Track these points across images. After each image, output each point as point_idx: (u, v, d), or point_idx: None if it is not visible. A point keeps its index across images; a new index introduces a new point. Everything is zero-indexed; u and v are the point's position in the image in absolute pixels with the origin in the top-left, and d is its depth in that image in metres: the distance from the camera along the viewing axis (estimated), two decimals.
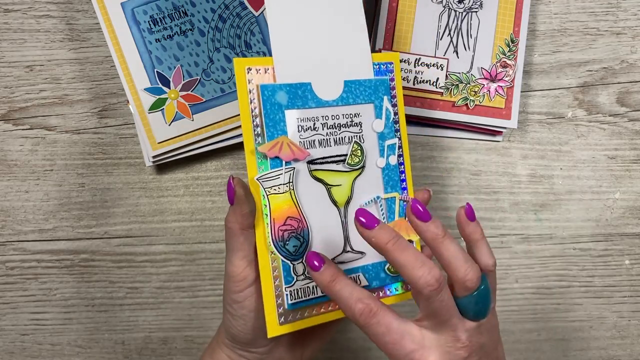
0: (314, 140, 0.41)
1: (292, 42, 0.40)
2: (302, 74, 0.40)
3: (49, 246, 0.56)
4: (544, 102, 0.58)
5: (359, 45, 0.43)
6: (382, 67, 0.44)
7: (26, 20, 0.56)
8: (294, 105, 0.40)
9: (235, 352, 0.42)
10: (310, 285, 0.40)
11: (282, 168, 0.39)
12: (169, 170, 0.57)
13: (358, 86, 0.42)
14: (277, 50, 0.40)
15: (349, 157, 0.42)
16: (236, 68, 0.39)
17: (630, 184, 0.59)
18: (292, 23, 0.41)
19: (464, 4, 0.56)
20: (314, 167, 0.41)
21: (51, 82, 0.56)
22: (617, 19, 0.58)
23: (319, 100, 0.41)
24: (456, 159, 0.58)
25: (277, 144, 0.39)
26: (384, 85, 0.43)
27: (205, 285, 0.57)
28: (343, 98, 0.42)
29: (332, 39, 0.42)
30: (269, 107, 0.39)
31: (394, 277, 0.43)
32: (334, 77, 0.41)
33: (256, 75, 0.39)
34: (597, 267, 0.59)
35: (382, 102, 0.43)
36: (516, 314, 0.58)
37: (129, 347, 0.57)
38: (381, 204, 0.43)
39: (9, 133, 0.56)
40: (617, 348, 0.59)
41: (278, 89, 0.39)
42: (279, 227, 0.39)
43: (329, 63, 0.41)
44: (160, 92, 0.52)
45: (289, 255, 0.40)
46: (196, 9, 0.53)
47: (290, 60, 0.40)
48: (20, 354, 0.57)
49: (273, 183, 0.39)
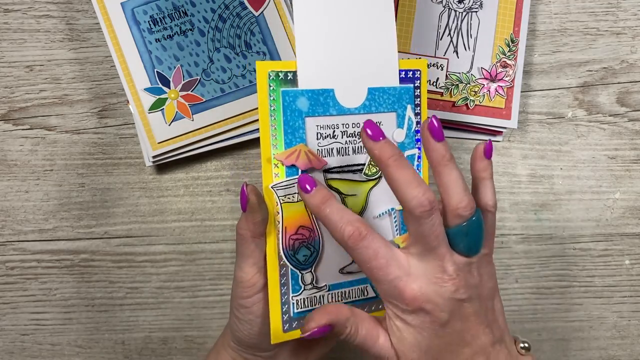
0: (332, 148, 0.40)
1: (317, 46, 0.39)
2: (326, 79, 0.39)
3: (49, 246, 0.56)
4: (544, 102, 0.58)
5: (386, 51, 0.41)
6: (408, 74, 0.42)
7: (26, 20, 0.56)
8: (315, 112, 0.39)
9: (240, 355, 0.42)
10: (317, 295, 0.40)
11: (298, 176, 0.38)
12: (169, 170, 0.57)
13: (382, 94, 0.41)
14: (302, 53, 0.38)
15: (366, 167, 0.41)
16: (258, 72, 0.38)
17: (630, 184, 0.59)
18: (319, 25, 0.39)
19: (464, 4, 0.56)
20: (330, 175, 0.40)
21: (51, 82, 0.56)
22: (617, 19, 0.58)
23: (341, 108, 0.40)
24: (456, 159, 0.58)
25: (294, 152, 0.38)
26: (408, 93, 0.42)
27: (205, 285, 0.57)
28: (365, 106, 0.40)
29: (359, 42, 0.40)
30: (289, 113, 0.38)
31: None
32: (358, 83, 0.40)
33: (278, 81, 0.38)
34: (597, 267, 0.59)
35: (405, 111, 0.41)
36: (516, 314, 0.58)
37: (129, 347, 0.57)
38: (395, 216, 0.42)
39: (9, 133, 0.56)
40: (617, 348, 0.59)
41: (300, 95, 0.38)
42: (290, 236, 0.39)
43: (354, 68, 0.40)
44: (160, 92, 0.52)
45: (298, 265, 0.39)
46: (196, 9, 0.53)
47: (315, 64, 0.39)
48: (20, 354, 0.57)
49: (288, 192, 0.38)
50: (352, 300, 0.41)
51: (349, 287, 0.41)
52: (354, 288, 0.41)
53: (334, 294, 0.41)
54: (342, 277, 0.41)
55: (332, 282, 0.40)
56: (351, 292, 0.41)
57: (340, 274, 0.41)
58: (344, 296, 0.41)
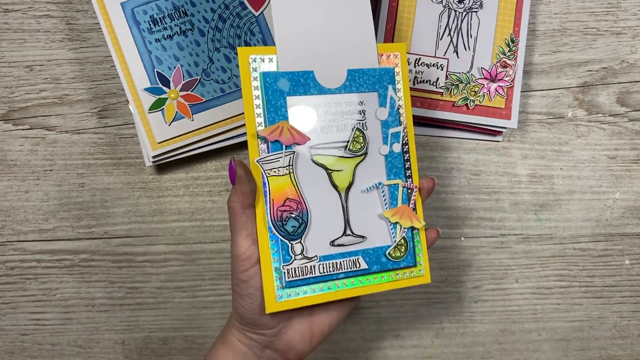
0: (316, 126, 0.42)
1: (296, 32, 0.41)
2: (306, 62, 0.42)
3: (49, 246, 0.56)
4: (544, 102, 0.58)
5: (364, 36, 0.43)
6: (390, 57, 0.44)
7: (26, 20, 0.56)
8: (296, 92, 0.41)
9: (244, 335, 0.43)
10: (308, 265, 0.41)
11: (282, 151, 0.40)
12: (169, 170, 0.57)
13: (362, 75, 0.43)
14: (281, 39, 0.41)
15: (350, 143, 0.43)
16: (240, 56, 0.40)
17: (630, 184, 0.59)
18: (297, 12, 0.41)
19: (464, 4, 0.56)
20: (315, 152, 0.42)
21: (51, 82, 0.56)
22: (617, 19, 0.58)
23: (322, 88, 0.42)
24: (456, 159, 0.58)
25: (277, 128, 0.40)
26: (388, 74, 0.44)
27: (205, 285, 0.57)
28: (346, 86, 0.43)
29: (338, 29, 0.42)
30: (270, 93, 0.41)
31: (395, 262, 0.44)
32: (337, 66, 0.42)
33: (261, 64, 0.41)
34: (597, 267, 0.59)
35: (387, 90, 0.44)
36: (516, 314, 0.58)
37: (129, 347, 0.57)
38: (383, 190, 0.44)
39: (9, 133, 0.56)
40: (617, 348, 0.59)
41: (280, 77, 0.41)
42: (277, 208, 0.41)
43: (334, 52, 0.42)
44: (160, 92, 0.52)
45: (287, 235, 0.41)
46: (196, 9, 0.53)
47: (294, 49, 0.41)
48: (20, 354, 0.57)
49: (272, 165, 0.40)
50: (344, 272, 0.42)
51: (340, 258, 0.42)
52: (345, 260, 0.42)
53: (324, 264, 0.42)
54: (333, 249, 0.42)
55: (322, 254, 0.42)
56: (342, 263, 0.42)
57: (331, 246, 0.42)
58: (336, 267, 0.42)
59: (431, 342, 0.59)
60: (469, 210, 0.58)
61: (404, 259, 0.44)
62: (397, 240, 0.44)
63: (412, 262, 0.44)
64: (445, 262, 0.58)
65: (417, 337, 0.59)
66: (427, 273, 0.45)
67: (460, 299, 0.58)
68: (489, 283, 0.58)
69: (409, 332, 0.59)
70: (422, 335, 0.59)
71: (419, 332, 0.59)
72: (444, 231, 0.58)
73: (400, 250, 0.44)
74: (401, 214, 0.44)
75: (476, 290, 0.58)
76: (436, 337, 0.59)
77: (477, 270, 0.58)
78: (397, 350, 0.58)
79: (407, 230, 0.44)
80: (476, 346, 0.59)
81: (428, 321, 0.58)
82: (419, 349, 0.59)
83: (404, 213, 0.44)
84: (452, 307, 0.58)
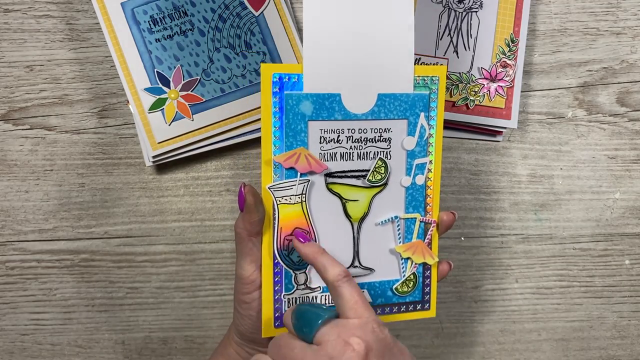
0: (336, 153, 0.40)
1: (326, 48, 0.38)
2: (333, 83, 0.38)
3: (49, 246, 0.56)
4: (544, 102, 0.58)
5: (401, 56, 0.39)
6: (425, 81, 0.41)
7: (26, 20, 0.56)
8: (319, 116, 0.38)
9: (243, 349, 0.44)
10: (309, 296, 0.41)
11: (297, 179, 0.39)
12: (169, 170, 0.57)
13: (393, 100, 0.40)
14: (309, 56, 0.38)
15: (370, 173, 0.40)
16: (263, 74, 0.37)
17: (630, 184, 0.59)
18: (329, 27, 0.38)
19: (464, 4, 0.56)
20: (331, 180, 0.40)
21: (51, 82, 0.56)
22: (617, 19, 0.58)
23: (347, 113, 0.39)
24: (456, 159, 0.58)
25: (294, 154, 0.38)
26: (422, 100, 0.40)
27: (205, 285, 0.57)
28: (374, 112, 0.39)
29: (372, 46, 0.39)
30: (291, 116, 0.38)
31: (401, 297, 0.43)
32: (367, 89, 0.39)
33: (285, 83, 0.38)
34: (597, 267, 0.59)
35: (418, 118, 0.40)
36: (516, 314, 0.58)
37: (129, 347, 0.57)
38: (398, 224, 0.42)
39: (9, 133, 0.56)
40: (617, 348, 0.59)
41: (304, 99, 0.38)
42: (285, 237, 0.39)
43: (365, 73, 0.39)
44: (160, 92, 0.52)
45: (291, 265, 0.40)
46: (196, 9, 0.53)
47: (322, 68, 0.38)
48: (20, 354, 0.57)
49: (285, 193, 0.39)
50: None
51: None
52: None
53: (327, 296, 0.41)
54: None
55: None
56: None
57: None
58: None
59: (431, 342, 0.59)
60: (469, 210, 0.58)
61: (411, 294, 0.42)
62: (406, 275, 0.42)
63: (419, 297, 0.43)
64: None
65: (417, 337, 0.59)
66: (433, 308, 0.43)
67: (460, 299, 0.58)
68: (489, 283, 0.58)
69: (409, 332, 0.59)
70: (422, 335, 0.59)
71: (419, 332, 0.59)
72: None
73: (409, 286, 0.42)
74: (414, 250, 0.42)
75: (476, 290, 0.58)
76: (436, 337, 0.59)
77: (477, 270, 0.58)
78: None
79: (419, 266, 0.42)
80: (476, 346, 0.59)
81: (428, 321, 0.58)
82: (419, 349, 0.59)
83: (417, 249, 0.42)
84: (452, 307, 0.58)
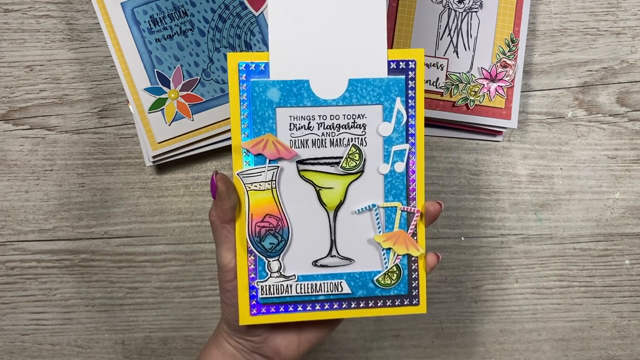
0: (307, 140, 0.40)
1: (293, 35, 0.38)
2: (301, 70, 0.39)
3: (49, 246, 0.56)
4: (544, 102, 0.58)
5: (373, 40, 0.39)
6: (401, 65, 0.40)
7: (26, 20, 0.56)
8: (287, 103, 0.39)
9: (233, 339, 0.43)
10: (284, 284, 0.40)
11: (265, 165, 0.39)
12: (169, 170, 0.57)
13: (365, 85, 0.39)
14: (275, 44, 0.38)
15: (344, 160, 0.40)
16: (229, 63, 0.38)
17: (630, 184, 0.59)
18: (296, 13, 0.38)
19: (464, 4, 0.56)
20: (303, 167, 0.40)
21: (51, 82, 0.56)
22: (617, 19, 0.58)
23: (317, 99, 0.39)
24: (456, 159, 0.58)
25: (261, 141, 0.39)
26: (398, 85, 0.40)
27: (205, 285, 0.57)
28: (345, 98, 0.39)
29: (342, 31, 0.39)
30: (258, 103, 0.39)
31: (384, 290, 0.41)
32: (337, 74, 0.39)
33: (251, 72, 0.39)
34: (597, 267, 0.59)
35: (394, 103, 0.40)
36: (516, 314, 0.58)
37: (129, 347, 0.57)
38: (377, 213, 0.41)
39: (9, 133, 0.56)
40: (617, 348, 0.59)
41: (270, 86, 0.39)
42: (256, 223, 0.40)
43: (335, 59, 0.39)
44: (160, 92, 0.52)
45: (264, 252, 0.40)
46: (196, 9, 0.53)
47: (289, 55, 0.38)
48: (20, 354, 0.57)
49: (254, 180, 0.39)
50: (324, 294, 0.40)
51: (321, 280, 0.40)
52: (327, 282, 0.41)
53: (303, 285, 0.40)
54: (314, 270, 0.41)
55: (302, 273, 0.40)
56: (323, 285, 0.40)
57: (314, 266, 0.41)
58: (314, 288, 0.40)
59: (431, 342, 0.59)
60: (469, 210, 0.58)
61: (394, 287, 0.41)
62: (388, 266, 0.41)
63: (404, 291, 0.41)
64: (445, 262, 0.58)
65: (417, 337, 0.59)
66: (423, 303, 0.42)
67: (460, 299, 0.58)
68: (489, 283, 0.58)
69: (409, 332, 0.59)
70: (422, 335, 0.59)
71: (419, 332, 0.59)
72: (444, 231, 0.58)
73: (392, 278, 0.41)
74: (396, 240, 0.41)
75: (476, 290, 0.58)
76: (436, 337, 0.59)
77: (477, 270, 0.58)
78: (397, 350, 0.58)
79: (403, 257, 0.41)
80: (476, 346, 0.59)
81: (428, 321, 0.58)
82: (419, 349, 0.59)
83: (399, 239, 0.41)
84: (452, 307, 0.59)
